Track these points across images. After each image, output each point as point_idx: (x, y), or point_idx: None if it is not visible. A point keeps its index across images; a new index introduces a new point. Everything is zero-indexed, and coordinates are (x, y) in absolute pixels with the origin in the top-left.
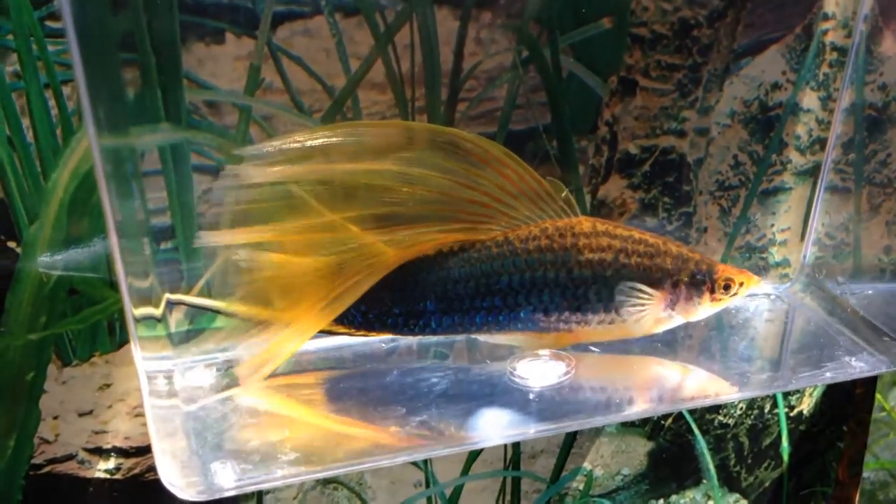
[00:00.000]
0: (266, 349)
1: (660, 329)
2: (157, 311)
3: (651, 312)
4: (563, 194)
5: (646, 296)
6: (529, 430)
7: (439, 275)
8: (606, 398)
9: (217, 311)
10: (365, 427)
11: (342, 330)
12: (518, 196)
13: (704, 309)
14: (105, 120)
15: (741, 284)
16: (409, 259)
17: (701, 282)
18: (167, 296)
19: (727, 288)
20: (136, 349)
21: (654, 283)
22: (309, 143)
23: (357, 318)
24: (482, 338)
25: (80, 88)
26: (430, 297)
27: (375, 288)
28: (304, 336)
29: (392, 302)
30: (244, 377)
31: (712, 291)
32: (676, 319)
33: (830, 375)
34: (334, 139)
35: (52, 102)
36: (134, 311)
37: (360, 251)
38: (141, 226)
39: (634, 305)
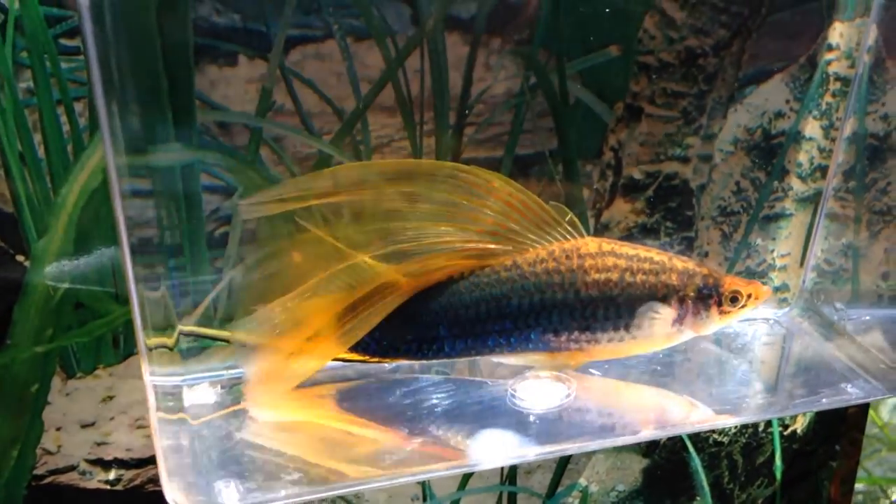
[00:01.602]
0: (278, 374)
1: (670, 344)
2: (170, 342)
3: (660, 328)
4: (568, 217)
5: (658, 314)
6: (529, 453)
7: (451, 301)
8: (605, 422)
9: (229, 342)
10: (366, 447)
11: (357, 357)
12: (522, 222)
13: (714, 323)
14: (122, 139)
15: (749, 296)
16: (422, 287)
17: (708, 296)
18: (180, 327)
19: (734, 301)
20: (145, 366)
21: (661, 300)
22: (314, 185)
23: (371, 345)
24: (496, 359)
25: (99, 106)
26: (442, 323)
27: (389, 316)
28: (318, 364)
29: (405, 329)
30: (254, 399)
31: (720, 305)
32: (686, 334)
33: (826, 402)
34: (339, 179)
35: (63, 119)
36: (147, 342)
37: (373, 283)
38: (155, 247)
39: (637, 324)
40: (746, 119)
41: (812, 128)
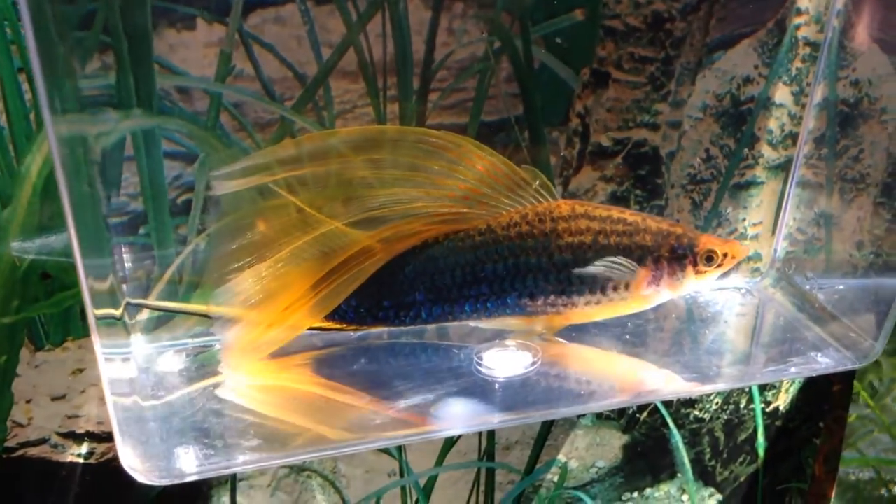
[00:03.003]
0: (253, 341)
1: (648, 305)
2: (117, 312)
3: (635, 290)
4: (538, 181)
5: (625, 267)
6: (493, 419)
7: (426, 266)
8: (571, 389)
9: (188, 314)
10: (329, 415)
11: (335, 326)
12: (494, 185)
13: (690, 282)
14: (62, 107)
15: (726, 255)
16: (397, 253)
17: (683, 256)
18: (127, 299)
19: (710, 260)
20: (95, 336)
21: (636, 261)
22: (280, 153)
23: (349, 313)
24: (474, 324)
25: (36, 74)
26: (419, 289)
27: (365, 283)
28: (293, 332)
29: (382, 295)
30: (230, 365)
31: (695, 265)
32: (664, 294)
33: (795, 370)
34: (305, 149)
35: (25, 87)
36: (95, 312)
37: (347, 250)
38: (102, 218)
39: (614, 285)
40: (715, 85)
41: (782, 94)
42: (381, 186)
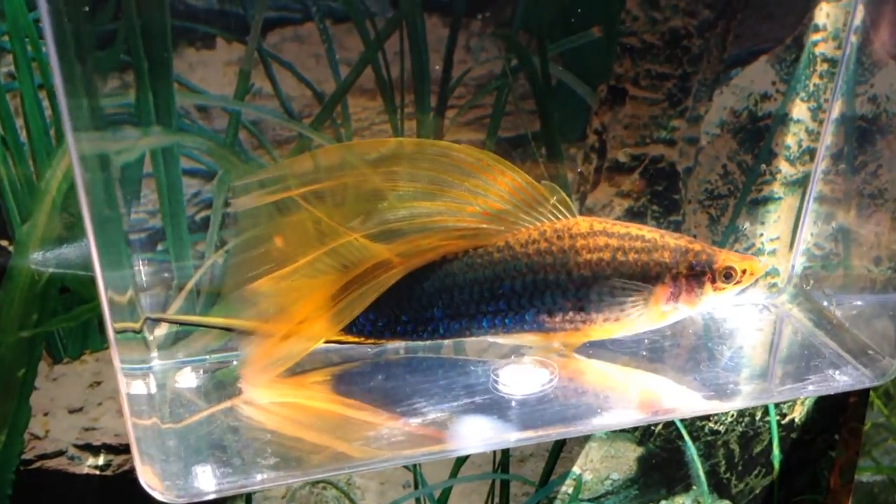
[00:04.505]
0: (272, 356)
1: (666, 322)
2: (136, 325)
3: (654, 306)
4: (556, 197)
5: (638, 292)
6: (510, 437)
7: (445, 282)
8: (589, 407)
9: (207, 327)
10: (347, 432)
11: (353, 339)
12: (513, 201)
13: (708, 299)
14: (83, 124)
15: (745, 272)
16: (415, 267)
17: (701, 273)
18: (147, 314)
19: (728, 277)
20: (114, 353)
21: (654, 278)
22: (299, 169)
23: (367, 326)
24: (493, 339)
25: (58, 92)
26: (437, 304)
27: (383, 297)
28: (311, 344)
29: (400, 310)
30: (249, 378)
31: (713, 281)
32: (682, 311)
33: (813, 388)
34: (322, 162)
35: (45, 103)
36: (114, 325)
37: (366, 263)
38: (122, 235)
39: (633, 302)
40: (732, 101)
41: (799, 110)
42: (400, 200)
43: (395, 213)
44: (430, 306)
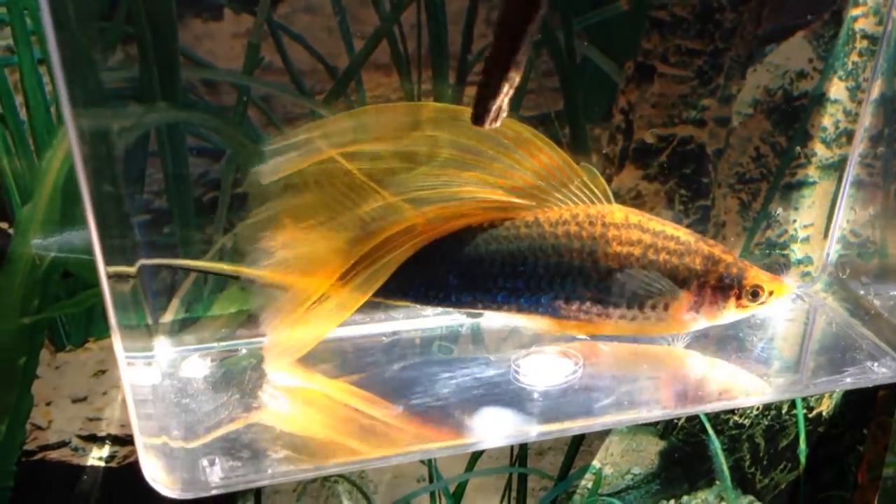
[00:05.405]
0: (296, 330)
1: (683, 331)
2: (132, 270)
3: (674, 313)
4: (594, 181)
5: (662, 295)
6: (531, 431)
7: (466, 251)
8: (612, 400)
9: (215, 273)
10: (361, 425)
11: None
12: (548, 178)
13: (730, 314)
14: (82, 100)
15: (771, 293)
16: (439, 234)
17: (728, 286)
18: (142, 261)
19: (755, 295)
20: (117, 341)
21: (681, 283)
22: (335, 128)
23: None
24: (503, 317)
25: (55, 66)
26: (453, 272)
27: None
28: (340, 315)
29: (415, 273)
30: (274, 357)
31: (739, 297)
32: (700, 322)
33: (851, 381)
34: (357, 122)
35: (46, 79)
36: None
37: (390, 225)
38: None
39: (653, 304)
40: (766, 79)
41: (837, 89)
42: (435, 167)
43: (427, 179)
44: (446, 273)
